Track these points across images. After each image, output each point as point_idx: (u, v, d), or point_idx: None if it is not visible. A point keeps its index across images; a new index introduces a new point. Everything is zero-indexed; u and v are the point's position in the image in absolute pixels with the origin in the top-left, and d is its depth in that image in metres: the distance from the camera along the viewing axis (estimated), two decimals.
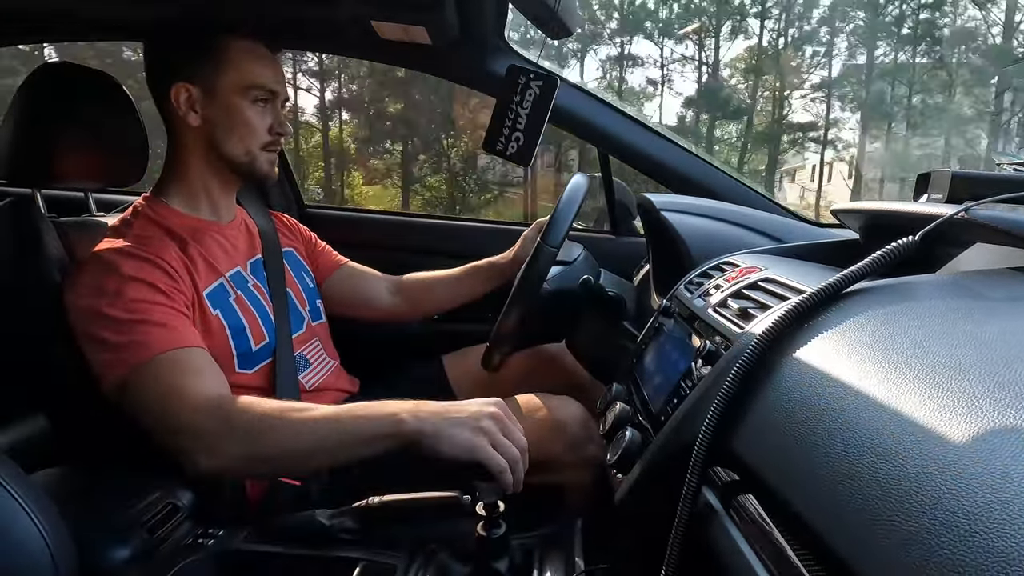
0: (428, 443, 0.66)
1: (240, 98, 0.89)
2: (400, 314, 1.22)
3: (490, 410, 0.68)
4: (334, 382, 1.04)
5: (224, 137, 0.90)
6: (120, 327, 0.75)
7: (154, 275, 0.79)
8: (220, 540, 0.72)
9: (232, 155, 0.91)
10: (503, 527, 0.65)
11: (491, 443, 0.65)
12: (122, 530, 0.69)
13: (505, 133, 0.95)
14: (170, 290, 0.80)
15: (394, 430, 0.67)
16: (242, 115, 0.90)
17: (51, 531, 0.50)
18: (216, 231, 0.94)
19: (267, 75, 0.91)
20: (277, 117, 0.93)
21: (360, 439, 0.69)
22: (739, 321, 0.56)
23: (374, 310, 1.20)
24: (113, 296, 0.76)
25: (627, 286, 1.11)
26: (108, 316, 0.75)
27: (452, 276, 1.20)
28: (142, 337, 0.74)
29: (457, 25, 1.06)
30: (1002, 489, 0.25)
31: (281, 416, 0.70)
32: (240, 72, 0.88)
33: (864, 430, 0.33)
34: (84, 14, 1.16)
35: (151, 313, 0.76)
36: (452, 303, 1.21)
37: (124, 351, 0.74)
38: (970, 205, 0.53)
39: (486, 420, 0.66)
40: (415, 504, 0.65)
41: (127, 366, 0.73)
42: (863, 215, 0.78)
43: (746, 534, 0.41)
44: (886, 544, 0.27)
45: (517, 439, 0.68)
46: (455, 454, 0.65)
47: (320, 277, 1.16)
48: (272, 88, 0.91)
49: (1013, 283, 0.48)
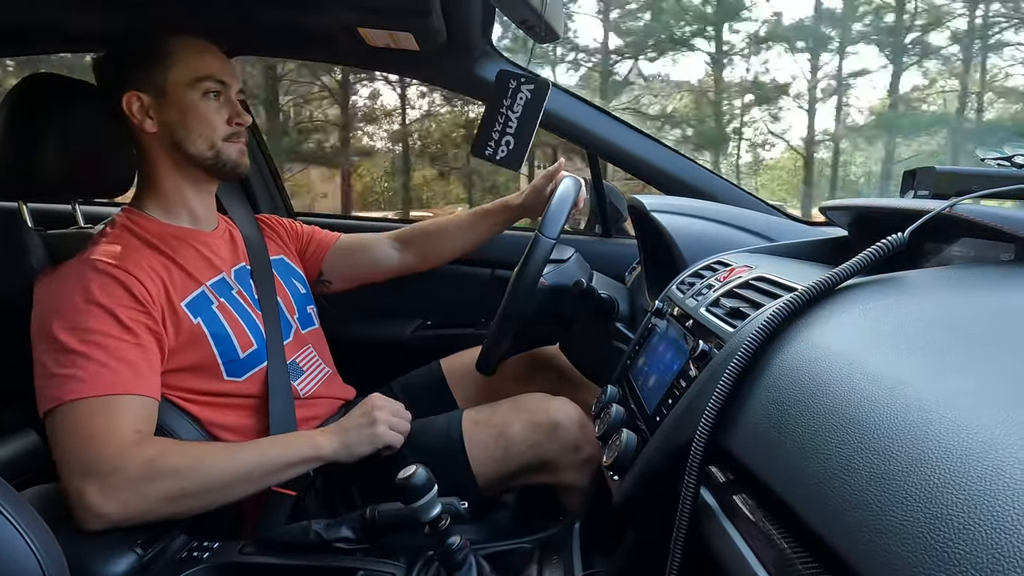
0: (343, 455, 0.84)
1: (191, 93, 0.88)
2: (412, 268, 1.20)
3: (374, 404, 0.87)
4: (328, 390, 1.03)
5: (184, 137, 0.89)
6: (63, 356, 0.73)
7: (119, 299, 0.78)
8: (215, 553, 0.71)
9: (196, 153, 0.90)
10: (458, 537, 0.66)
11: (387, 426, 0.86)
12: (114, 546, 0.68)
13: (495, 137, 0.95)
14: (131, 319, 0.78)
15: (315, 454, 0.82)
16: (196, 110, 0.88)
17: (43, 549, 0.49)
18: (195, 239, 0.93)
19: (214, 66, 0.90)
20: (234, 108, 0.92)
21: (282, 466, 0.80)
22: (732, 320, 0.56)
23: (383, 271, 1.19)
24: (69, 319, 0.75)
25: (619, 288, 1.11)
26: (57, 340, 0.74)
27: (463, 221, 1.18)
28: (81, 373, 0.73)
29: (444, 31, 1.06)
30: (996, 482, 0.25)
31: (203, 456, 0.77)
32: (186, 67, 0.88)
33: (858, 426, 0.33)
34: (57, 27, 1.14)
35: (101, 349, 0.75)
36: (465, 250, 1.19)
37: (59, 384, 0.73)
38: (956, 201, 0.54)
39: (374, 413, 0.86)
40: (412, 512, 0.65)
41: (56, 400, 0.72)
42: (851, 212, 0.79)
43: (743, 533, 0.41)
44: (882, 539, 0.27)
45: (402, 413, 0.90)
46: (368, 451, 0.85)
47: (317, 260, 1.15)
48: (221, 78, 0.90)
49: (999, 275, 0.48)
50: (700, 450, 0.45)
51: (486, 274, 1.47)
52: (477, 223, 1.17)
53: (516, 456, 0.91)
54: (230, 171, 0.93)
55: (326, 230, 1.20)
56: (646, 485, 0.57)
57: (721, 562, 0.42)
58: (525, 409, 0.95)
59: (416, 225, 1.21)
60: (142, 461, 0.72)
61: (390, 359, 1.33)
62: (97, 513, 0.69)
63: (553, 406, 0.95)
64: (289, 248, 1.13)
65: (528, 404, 0.96)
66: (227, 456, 0.78)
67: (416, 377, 1.19)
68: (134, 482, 0.71)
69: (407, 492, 0.63)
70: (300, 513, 0.89)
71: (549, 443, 0.91)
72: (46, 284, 0.80)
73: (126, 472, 0.71)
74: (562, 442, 0.92)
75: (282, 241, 1.12)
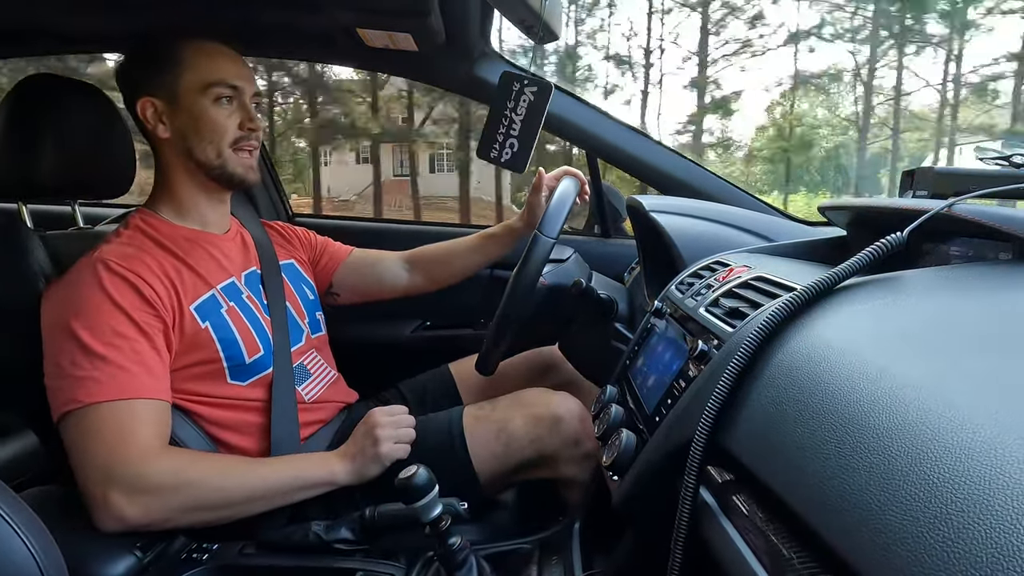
0: (355, 480, 0.84)
1: (202, 98, 0.87)
2: (419, 289, 1.22)
3: (376, 423, 0.87)
4: (333, 394, 1.03)
5: (194, 143, 0.88)
6: (81, 357, 0.73)
7: (131, 300, 0.78)
8: (215, 555, 0.71)
9: (204, 160, 0.89)
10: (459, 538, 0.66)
11: (392, 441, 0.85)
12: (113, 548, 0.68)
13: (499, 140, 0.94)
14: (145, 322, 0.78)
15: (329, 479, 0.83)
16: (206, 116, 0.87)
17: (41, 550, 0.49)
18: (208, 242, 0.93)
19: (226, 70, 0.88)
20: (246, 113, 0.90)
21: (298, 488, 0.81)
22: (731, 320, 0.56)
23: (391, 290, 1.20)
24: (89, 318, 0.75)
25: (618, 288, 1.11)
26: (77, 338, 0.74)
27: (469, 246, 1.19)
28: (101, 375, 0.73)
29: (443, 32, 1.06)
30: (995, 481, 0.25)
31: (226, 471, 0.78)
32: (197, 72, 0.87)
33: (857, 425, 0.33)
34: (56, 29, 1.14)
35: (119, 351, 0.75)
36: (471, 272, 1.21)
37: (77, 385, 0.72)
38: (954, 201, 0.54)
39: (376, 432, 0.85)
40: (411, 513, 0.65)
41: (77, 402, 0.72)
42: (850, 212, 0.79)
43: (742, 532, 0.41)
44: (881, 539, 0.27)
45: (404, 421, 0.90)
46: (378, 471, 0.85)
47: (328, 273, 1.16)
48: (233, 83, 0.88)
49: (998, 275, 0.48)
50: (699, 450, 0.45)
51: (485, 274, 1.47)
52: (484, 246, 1.19)
53: (517, 451, 0.92)
54: (237, 183, 0.93)
55: (339, 243, 1.21)
56: (645, 485, 0.57)
57: (721, 562, 0.42)
58: (526, 404, 0.96)
59: (425, 248, 1.22)
60: (167, 470, 0.73)
61: (390, 360, 1.33)
62: (119, 517, 0.70)
63: (554, 400, 0.96)
64: (301, 256, 1.13)
65: (529, 399, 0.97)
66: (248, 472, 0.79)
67: (424, 380, 1.20)
68: (159, 490, 0.72)
69: (408, 492, 0.63)
70: (300, 514, 0.89)
71: (550, 437, 0.92)
72: (60, 285, 0.79)
73: (150, 479, 0.71)
74: (563, 436, 0.92)
75: (294, 249, 1.12)
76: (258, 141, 0.93)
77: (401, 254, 1.22)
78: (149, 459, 0.72)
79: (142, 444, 0.72)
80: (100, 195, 0.98)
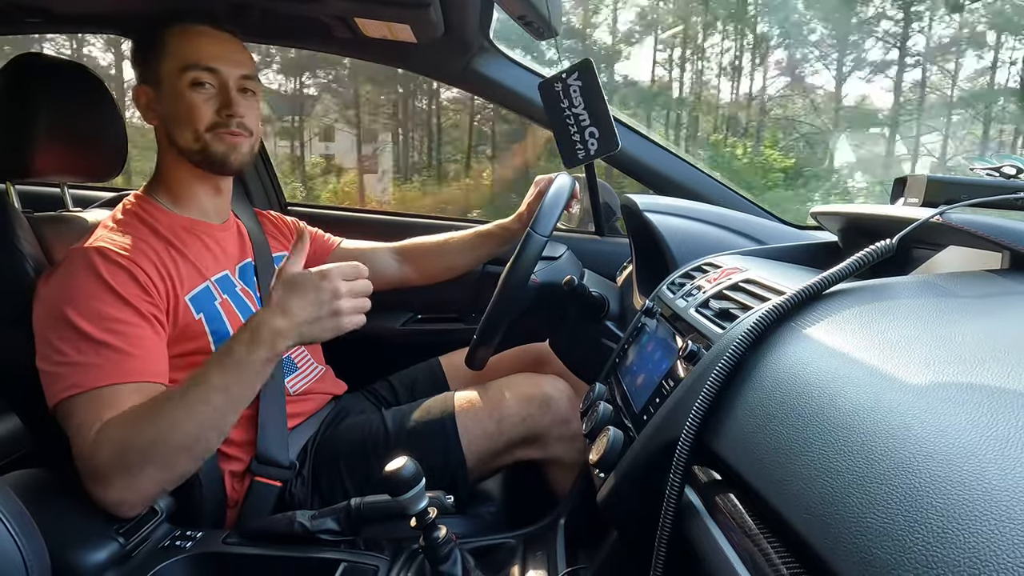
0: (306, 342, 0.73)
1: (178, 82, 0.85)
2: (410, 282, 1.21)
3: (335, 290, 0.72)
4: (320, 386, 1.03)
5: (175, 129, 0.87)
6: (80, 344, 0.72)
7: (127, 286, 0.76)
8: (198, 543, 0.71)
9: (184, 145, 0.87)
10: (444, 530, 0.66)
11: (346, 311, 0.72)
12: (96, 534, 0.67)
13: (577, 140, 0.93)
14: (143, 307, 0.77)
15: (275, 352, 0.71)
16: (183, 99, 0.85)
17: (23, 535, 0.49)
18: (204, 232, 0.92)
19: (203, 52, 0.85)
20: (226, 96, 0.86)
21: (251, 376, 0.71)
22: (721, 322, 0.57)
23: (382, 282, 1.17)
24: (84, 304, 0.73)
25: (610, 286, 1.12)
26: (74, 325, 0.72)
27: (463, 243, 1.18)
28: (96, 360, 0.71)
29: (442, 24, 1.05)
30: (975, 486, 0.25)
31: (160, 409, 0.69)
32: (175, 56, 0.85)
33: (841, 429, 0.33)
34: (59, 8, 1.13)
35: (115, 335, 0.73)
36: (463, 269, 1.21)
37: (77, 371, 0.71)
38: (945, 209, 0.55)
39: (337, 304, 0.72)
40: (397, 505, 0.65)
41: (76, 388, 0.70)
42: (842, 218, 0.79)
43: (726, 532, 0.42)
44: (862, 541, 0.28)
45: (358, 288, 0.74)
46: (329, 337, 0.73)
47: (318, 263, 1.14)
48: (210, 65, 0.85)
49: (985, 284, 0.49)
50: (686, 449, 0.45)
51: (477, 269, 1.47)
52: (478, 244, 1.18)
53: (509, 429, 0.93)
54: (219, 163, 0.88)
55: (328, 234, 1.20)
56: (631, 483, 0.57)
57: (704, 561, 0.43)
58: (517, 385, 0.98)
59: (417, 240, 1.21)
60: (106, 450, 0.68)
61: (380, 352, 1.33)
62: (106, 505, 0.68)
63: (544, 381, 0.99)
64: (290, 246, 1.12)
65: (519, 380, 1.00)
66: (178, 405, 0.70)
67: (414, 372, 1.20)
68: (108, 470, 0.68)
69: (395, 484, 0.63)
70: (285, 503, 0.88)
71: (541, 415, 0.94)
72: (56, 273, 0.77)
73: (99, 464, 0.68)
74: (553, 414, 0.95)
75: (287, 240, 1.11)
76: (244, 129, 0.88)
77: (392, 245, 1.21)
78: (91, 446, 0.68)
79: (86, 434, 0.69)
80: (89, 177, 0.97)
